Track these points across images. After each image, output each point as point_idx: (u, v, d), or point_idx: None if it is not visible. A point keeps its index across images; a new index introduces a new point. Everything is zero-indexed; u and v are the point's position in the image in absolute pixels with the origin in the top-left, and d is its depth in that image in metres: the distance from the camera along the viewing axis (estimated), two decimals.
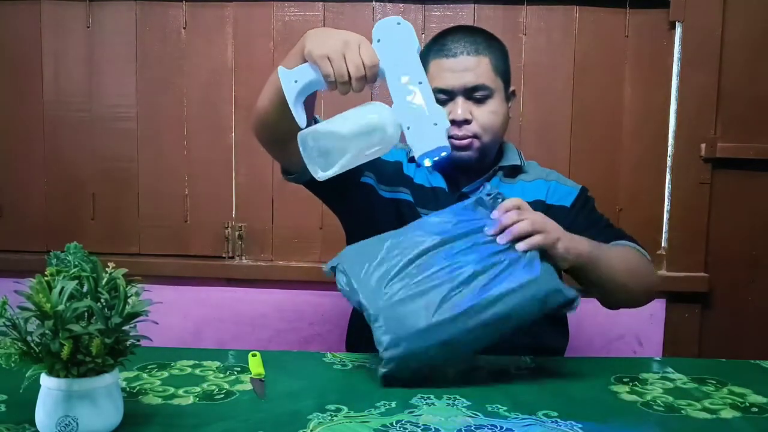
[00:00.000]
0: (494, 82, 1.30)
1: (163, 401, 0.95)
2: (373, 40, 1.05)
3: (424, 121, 1.00)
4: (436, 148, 1.01)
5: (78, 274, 0.82)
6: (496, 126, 1.31)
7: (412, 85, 1.02)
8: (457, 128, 1.28)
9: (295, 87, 1.02)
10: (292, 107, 1.02)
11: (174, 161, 1.93)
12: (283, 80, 1.02)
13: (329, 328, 1.92)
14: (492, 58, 1.30)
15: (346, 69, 1.00)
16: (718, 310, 1.93)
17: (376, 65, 1.01)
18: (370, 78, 1.02)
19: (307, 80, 1.03)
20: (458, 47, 1.29)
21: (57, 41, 1.92)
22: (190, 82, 1.91)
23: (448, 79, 1.28)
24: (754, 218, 1.90)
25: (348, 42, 1.01)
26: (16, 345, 0.80)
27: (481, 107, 1.29)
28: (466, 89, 1.28)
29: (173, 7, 1.90)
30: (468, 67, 1.28)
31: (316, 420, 0.89)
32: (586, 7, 1.85)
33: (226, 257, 1.95)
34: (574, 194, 1.38)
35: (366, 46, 1.02)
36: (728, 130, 1.87)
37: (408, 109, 1.01)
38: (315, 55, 1.02)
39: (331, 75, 1.01)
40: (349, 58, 1.00)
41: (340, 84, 1.02)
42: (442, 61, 1.30)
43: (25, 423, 0.85)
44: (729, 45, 1.84)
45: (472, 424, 0.89)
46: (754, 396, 1.03)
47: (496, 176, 1.37)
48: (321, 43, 1.02)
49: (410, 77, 1.02)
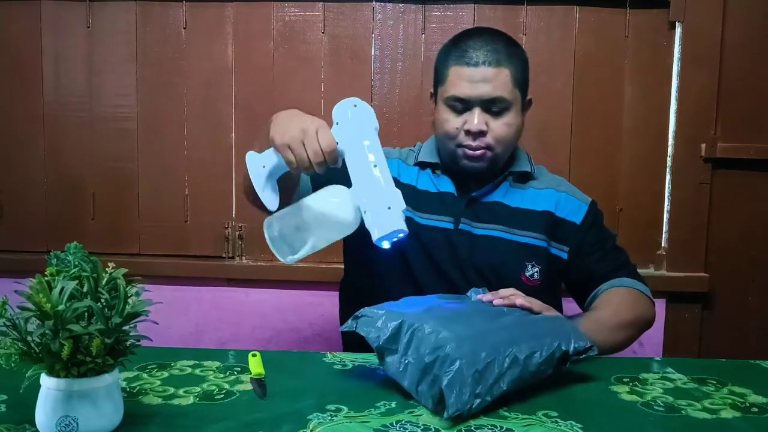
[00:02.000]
0: (512, 93, 1.29)
1: (163, 401, 0.95)
2: (333, 122, 1.08)
3: (380, 205, 1.02)
4: (391, 232, 1.02)
5: (78, 274, 0.82)
6: (510, 138, 1.31)
7: (368, 168, 1.04)
8: (472, 139, 1.28)
9: (263, 172, 1.08)
10: (260, 192, 1.08)
11: (174, 161, 1.93)
12: (250, 166, 1.08)
13: (329, 328, 1.92)
14: (512, 69, 1.29)
15: (306, 156, 1.04)
16: (718, 310, 1.93)
17: (333, 149, 1.04)
18: (330, 161, 1.05)
19: (272, 165, 1.08)
20: (479, 56, 1.27)
21: (57, 41, 1.92)
22: (190, 82, 1.91)
23: (465, 88, 1.27)
24: (754, 218, 1.90)
25: (306, 129, 1.04)
26: (16, 345, 0.80)
27: (497, 120, 1.28)
28: (483, 101, 1.27)
29: (173, 7, 1.90)
30: (487, 78, 1.27)
31: (316, 420, 0.89)
32: (586, 7, 1.85)
33: (226, 257, 1.95)
34: (584, 210, 1.38)
35: (324, 132, 1.04)
36: (728, 130, 1.87)
37: (365, 193, 1.03)
38: (276, 144, 1.06)
39: (293, 162, 1.05)
40: (307, 143, 1.04)
41: (302, 168, 1.06)
42: (462, 69, 1.28)
43: (25, 423, 0.85)
44: (729, 45, 1.84)
45: (472, 424, 0.89)
46: (754, 396, 1.03)
47: (506, 181, 1.37)
48: (281, 131, 1.06)
49: (366, 160, 1.04)
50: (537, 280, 1.32)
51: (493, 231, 1.33)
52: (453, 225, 1.33)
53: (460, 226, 1.33)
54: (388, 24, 1.87)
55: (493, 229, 1.33)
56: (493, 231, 1.33)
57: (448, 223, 1.34)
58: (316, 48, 1.89)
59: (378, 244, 1.04)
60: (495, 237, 1.33)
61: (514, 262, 1.32)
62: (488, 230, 1.33)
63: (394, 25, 1.87)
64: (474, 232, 1.33)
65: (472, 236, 1.33)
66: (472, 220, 1.34)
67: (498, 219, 1.34)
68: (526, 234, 1.33)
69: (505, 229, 1.33)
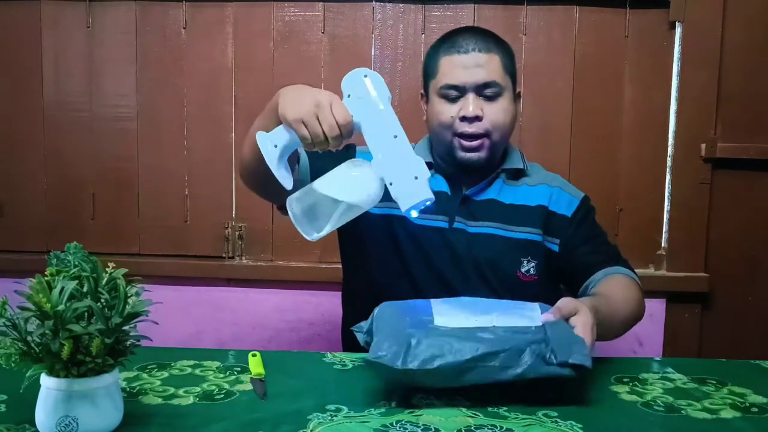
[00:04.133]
0: (504, 80, 1.30)
1: (163, 401, 0.95)
2: (344, 95, 1.05)
3: (405, 176, 1.01)
4: (420, 201, 1.02)
5: (78, 274, 0.82)
6: (506, 124, 1.31)
7: (388, 139, 1.02)
8: (468, 125, 1.28)
9: (275, 152, 1.04)
10: (275, 171, 1.04)
11: (174, 161, 1.93)
12: (262, 146, 1.04)
13: (329, 328, 1.92)
14: (502, 56, 1.31)
15: (321, 130, 1.01)
16: (718, 310, 1.93)
17: (349, 122, 1.02)
18: (346, 135, 1.03)
19: (284, 143, 1.05)
20: (470, 44, 1.29)
21: (57, 41, 1.92)
22: (190, 82, 1.91)
23: (459, 75, 1.28)
24: (754, 218, 1.90)
25: (320, 102, 1.02)
26: (16, 345, 0.80)
27: (492, 104, 1.29)
28: (478, 86, 1.28)
29: (173, 7, 1.90)
30: (480, 63, 1.28)
31: (316, 420, 0.89)
32: (586, 7, 1.85)
33: (226, 257, 1.95)
34: (575, 204, 1.37)
35: (338, 104, 1.02)
36: (728, 130, 1.87)
37: (388, 165, 1.02)
38: (289, 119, 1.03)
39: (308, 137, 1.02)
40: (322, 118, 1.01)
41: (317, 144, 1.03)
42: (454, 57, 1.29)
43: (25, 423, 0.85)
44: (729, 45, 1.84)
45: (472, 424, 0.89)
46: (754, 396, 1.03)
47: (499, 178, 1.37)
48: (294, 106, 1.04)
49: (386, 131, 1.02)
50: (534, 276, 1.32)
51: (487, 228, 1.33)
52: (448, 224, 1.33)
53: (455, 224, 1.33)
54: (388, 24, 1.87)
55: (488, 226, 1.33)
56: (487, 228, 1.33)
57: (443, 222, 1.33)
58: (316, 48, 1.89)
59: (407, 214, 1.04)
60: (490, 234, 1.33)
61: (510, 259, 1.32)
62: (483, 228, 1.33)
63: (394, 25, 1.87)
64: (469, 231, 1.33)
65: (467, 234, 1.33)
66: (467, 218, 1.33)
67: (492, 216, 1.33)
68: (521, 230, 1.33)
69: (500, 226, 1.33)
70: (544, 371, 0.95)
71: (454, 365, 0.94)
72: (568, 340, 0.97)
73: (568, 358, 0.94)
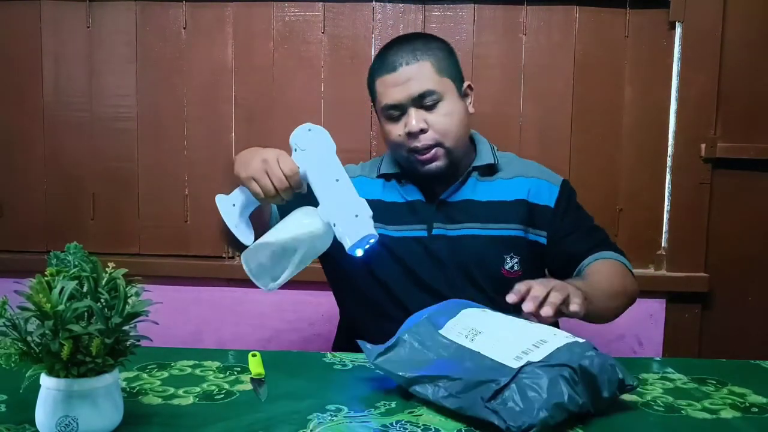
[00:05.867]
0: (440, 84, 1.28)
1: (163, 401, 0.95)
2: (292, 150, 1.11)
3: (347, 215, 1.05)
4: (362, 238, 1.04)
5: (78, 274, 0.82)
6: (455, 128, 1.29)
7: (331, 183, 1.07)
8: (415, 139, 1.28)
9: (234, 210, 1.11)
10: (233, 229, 1.10)
11: (174, 161, 1.93)
12: (221, 207, 1.11)
13: (329, 328, 1.92)
14: (433, 60, 1.29)
15: (270, 184, 1.06)
16: (718, 310, 1.93)
17: (296, 173, 1.07)
18: (295, 185, 1.07)
19: (241, 201, 1.12)
20: (396, 59, 1.29)
21: (57, 41, 1.92)
22: (190, 82, 1.91)
23: (394, 94, 1.28)
24: (754, 218, 1.90)
25: (267, 159, 1.07)
26: (16, 345, 0.80)
27: (434, 113, 1.28)
28: (414, 99, 1.27)
29: (173, 7, 1.90)
30: (410, 76, 1.27)
31: (316, 420, 0.89)
32: (586, 7, 1.85)
33: (226, 257, 1.95)
34: (555, 191, 1.36)
35: (284, 158, 1.07)
36: (728, 130, 1.87)
37: (331, 207, 1.06)
38: (242, 178, 1.09)
39: (260, 192, 1.07)
40: (271, 173, 1.06)
41: (269, 198, 1.08)
42: (385, 78, 1.30)
43: (25, 423, 0.85)
44: (729, 45, 1.84)
45: (471, 424, 0.89)
46: (754, 396, 1.03)
47: (472, 177, 1.35)
48: (244, 166, 1.09)
49: (329, 177, 1.08)
50: (518, 271, 1.31)
51: (468, 230, 1.32)
52: (426, 232, 1.33)
53: (434, 231, 1.32)
54: (388, 24, 1.87)
55: (468, 227, 1.32)
56: (468, 230, 1.32)
57: (421, 231, 1.33)
58: (316, 48, 1.89)
59: (352, 253, 1.05)
60: (471, 235, 1.32)
61: (493, 257, 1.32)
62: (463, 230, 1.32)
63: (394, 25, 1.87)
64: (449, 234, 1.32)
65: (447, 239, 1.32)
66: (445, 222, 1.32)
67: (471, 217, 1.33)
68: (501, 227, 1.32)
69: (480, 225, 1.32)
70: (482, 414, 0.87)
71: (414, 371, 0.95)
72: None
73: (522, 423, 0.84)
